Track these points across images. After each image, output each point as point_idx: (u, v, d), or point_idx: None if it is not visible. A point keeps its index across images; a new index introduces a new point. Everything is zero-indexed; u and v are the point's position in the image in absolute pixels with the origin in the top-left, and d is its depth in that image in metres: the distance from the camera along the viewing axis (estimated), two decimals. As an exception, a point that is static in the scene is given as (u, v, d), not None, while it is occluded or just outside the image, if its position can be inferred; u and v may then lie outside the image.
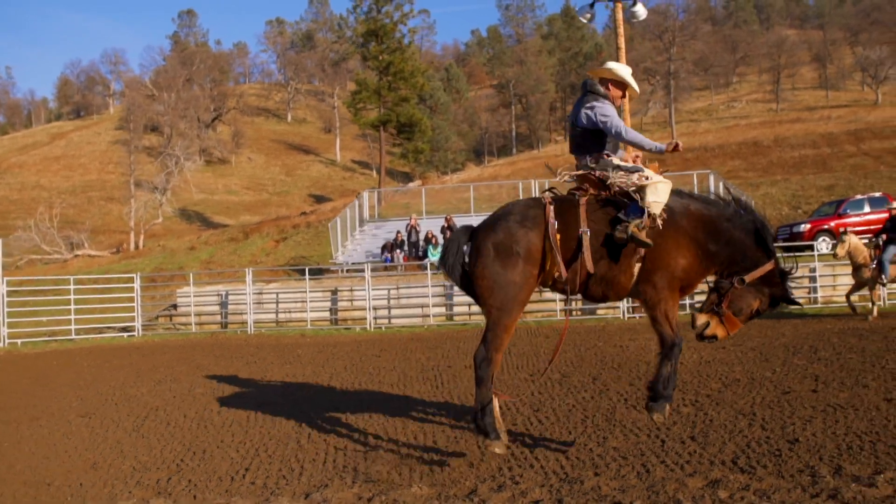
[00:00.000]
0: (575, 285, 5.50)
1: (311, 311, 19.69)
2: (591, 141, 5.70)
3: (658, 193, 5.29)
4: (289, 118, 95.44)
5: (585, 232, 5.37)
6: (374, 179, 78.16)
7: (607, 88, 5.75)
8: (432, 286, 19.21)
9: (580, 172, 5.74)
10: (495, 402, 5.66)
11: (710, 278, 5.71)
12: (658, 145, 5.59)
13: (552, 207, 5.46)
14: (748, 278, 5.36)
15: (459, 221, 24.25)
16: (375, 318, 19.19)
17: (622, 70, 5.76)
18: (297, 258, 30.44)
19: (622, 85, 5.79)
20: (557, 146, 67.39)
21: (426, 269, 20.92)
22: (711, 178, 24.92)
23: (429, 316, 18.74)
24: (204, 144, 74.93)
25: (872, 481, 4.77)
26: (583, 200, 5.49)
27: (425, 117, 43.51)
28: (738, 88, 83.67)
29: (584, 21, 19.28)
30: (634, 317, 17.68)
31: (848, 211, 23.28)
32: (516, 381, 9.86)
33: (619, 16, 19.10)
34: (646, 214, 5.25)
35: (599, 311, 18.39)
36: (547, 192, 5.79)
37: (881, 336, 11.57)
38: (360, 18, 40.83)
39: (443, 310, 19.31)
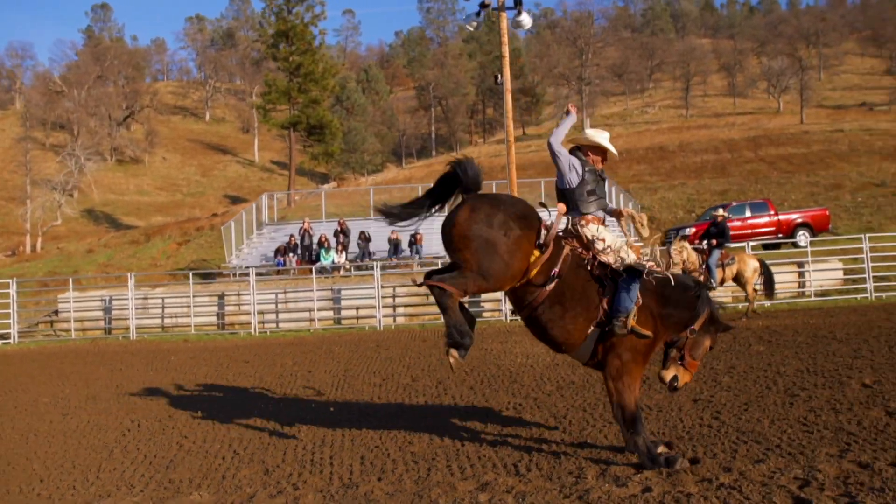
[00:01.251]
0: (535, 299, 5.50)
1: (197, 316, 19.37)
2: (572, 199, 5.70)
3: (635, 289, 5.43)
4: (207, 117, 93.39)
5: (559, 277, 5.44)
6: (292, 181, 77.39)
7: (586, 154, 5.79)
8: (319, 290, 19.16)
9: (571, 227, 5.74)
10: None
11: None
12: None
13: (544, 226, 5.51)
14: (697, 327, 5.63)
15: (356, 224, 24.27)
16: (263, 323, 18.99)
17: (598, 136, 5.82)
18: (197, 261, 29.85)
19: (600, 150, 5.83)
20: (477, 149, 67.95)
21: (318, 273, 20.85)
22: (613, 187, 25.54)
23: (314, 321, 18.65)
24: (116, 143, 72.63)
25: (625, 482, 5.02)
26: (567, 248, 5.54)
27: (336, 119, 43.30)
28: (653, 94, 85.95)
29: (471, 29, 19.48)
30: (516, 319, 17.97)
31: (730, 215, 24.22)
32: (370, 385, 9.96)
33: (504, 25, 19.41)
34: (634, 307, 5.41)
35: (486, 314, 18.65)
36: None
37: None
38: (270, 20, 40.34)
39: (330, 314, 19.25)
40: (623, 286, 5.42)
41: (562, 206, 5.63)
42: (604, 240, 5.55)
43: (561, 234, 5.58)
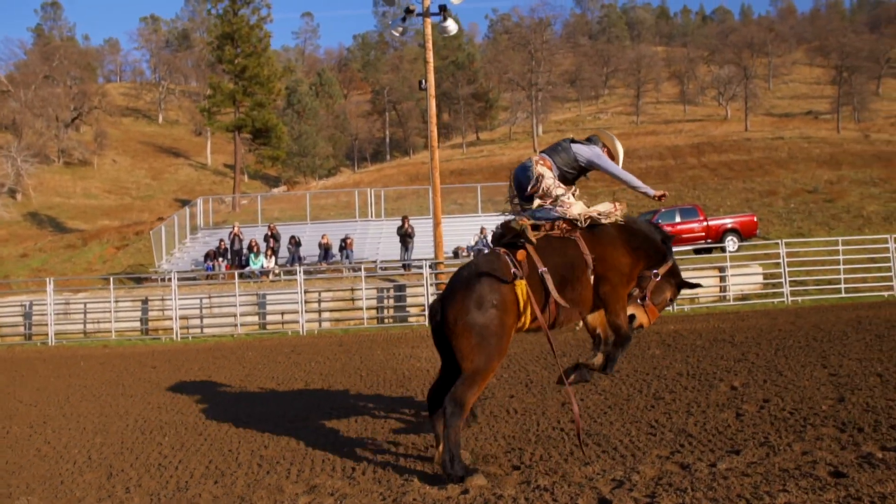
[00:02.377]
0: (551, 322, 5.70)
1: (121, 321, 19.07)
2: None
3: (574, 206, 5.96)
4: (160, 119, 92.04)
5: (545, 271, 5.62)
6: (245, 184, 76.39)
7: (602, 147, 6.51)
8: (245, 295, 18.99)
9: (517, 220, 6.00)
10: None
11: None
12: (650, 190, 6.36)
13: (508, 258, 5.64)
14: (660, 271, 6.14)
15: (297, 229, 24.16)
16: (187, 328, 18.77)
17: (619, 147, 6.56)
18: (134, 266, 29.40)
19: (611, 153, 6.54)
20: (439, 152, 68.04)
21: (247, 277, 20.68)
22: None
23: (236, 326, 18.47)
24: (63, 145, 71.14)
25: (445, 485, 5.05)
26: (529, 246, 5.74)
27: (281, 123, 42.96)
28: (607, 101, 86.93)
29: (397, 34, 19.48)
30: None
31: (660, 221, 24.57)
32: (263, 390, 9.88)
33: (428, 31, 19.47)
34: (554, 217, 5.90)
35: (410, 319, 18.66)
36: (500, 248, 5.89)
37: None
38: (214, 22, 39.95)
39: (256, 319, 19.09)
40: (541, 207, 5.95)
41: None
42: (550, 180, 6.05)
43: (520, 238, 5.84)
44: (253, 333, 18.35)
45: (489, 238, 21.92)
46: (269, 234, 21.96)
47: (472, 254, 21.34)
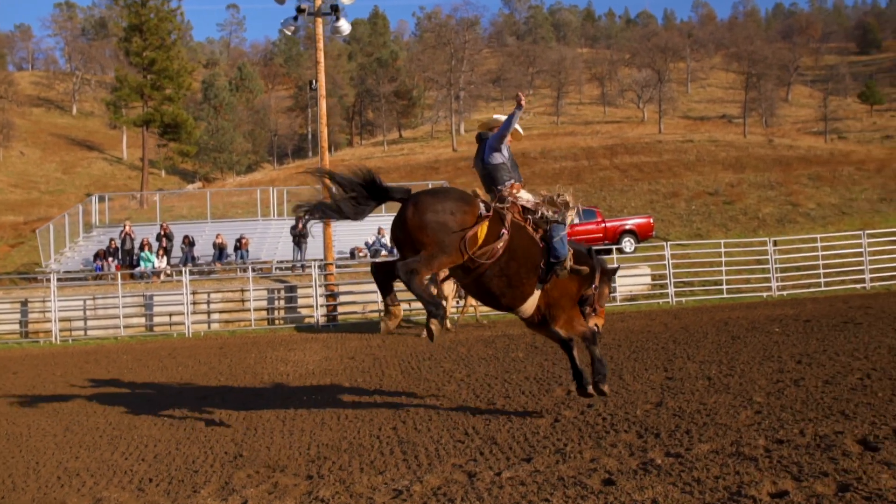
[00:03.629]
0: (483, 264, 6.30)
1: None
2: (499, 174, 6.77)
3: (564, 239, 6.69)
4: (74, 111, 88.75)
5: (505, 233, 6.33)
6: (161, 179, 74.32)
7: (490, 130, 6.94)
8: (129, 296, 18.47)
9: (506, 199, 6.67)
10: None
11: None
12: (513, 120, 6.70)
13: (482, 203, 6.36)
14: (597, 282, 7.08)
15: (188, 228, 23.62)
16: (70, 331, 18.15)
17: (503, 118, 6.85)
18: (28, 265, 28.23)
19: (514, 133, 7.00)
20: (353, 150, 67.58)
21: (136, 278, 20.13)
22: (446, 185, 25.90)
23: (120, 328, 17.95)
24: (-35, 136, 67.96)
25: (226, 496, 5.01)
26: (508, 216, 6.48)
27: (192, 118, 41.97)
28: (532, 101, 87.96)
29: (288, 34, 19.24)
30: (328, 327, 17.91)
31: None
32: (104, 395, 9.60)
33: (319, 30, 19.28)
34: (569, 251, 6.65)
35: (303, 320, 18.49)
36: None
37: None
38: (121, 12, 38.71)
39: (142, 320, 18.59)
40: (555, 239, 6.58)
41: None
42: (531, 199, 6.75)
43: (500, 205, 6.53)
44: (137, 336, 17.87)
45: (387, 238, 21.96)
46: (162, 233, 21.40)
47: (368, 254, 21.29)
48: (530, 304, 6.73)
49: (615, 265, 7.86)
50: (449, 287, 14.43)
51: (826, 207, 32.21)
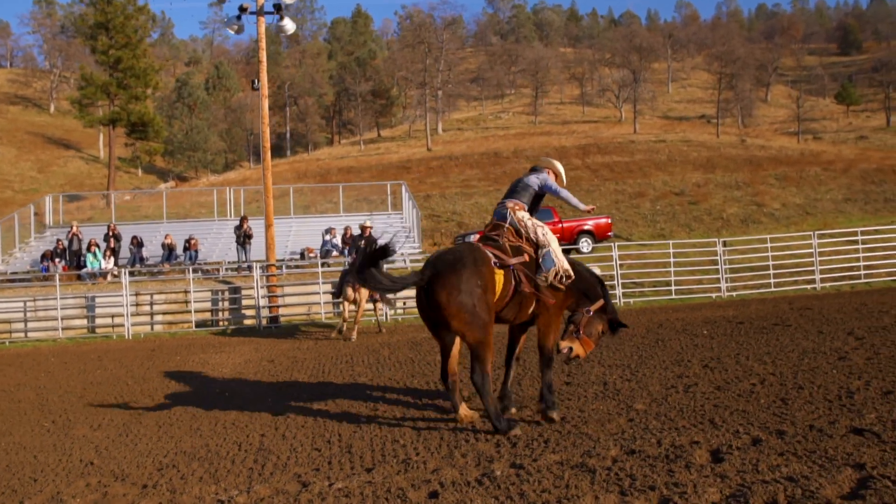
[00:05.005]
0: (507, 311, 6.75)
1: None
2: (519, 195, 7.20)
3: (559, 255, 6.92)
4: (51, 109, 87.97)
5: (515, 266, 6.67)
6: (138, 178, 73.85)
7: (549, 171, 7.40)
8: (71, 297, 18.21)
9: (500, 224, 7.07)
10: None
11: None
12: (582, 206, 7.38)
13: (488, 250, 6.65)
14: (592, 309, 7.06)
15: (135, 229, 23.35)
16: (10, 332, 17.87)
17: (560, 167, 7.46)
18: (-16, 265, 27.85)
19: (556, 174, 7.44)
20: (329, 149, 67.33)
21: (86, 278, 19.87)
22: (403, 187, 25.77)
23: (58, 330, 17.68)
24: (-61, 135, 67.17)
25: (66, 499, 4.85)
26: (504, 242, 6.82)
27: (159, 116, 41.62)
28: (513, 100, 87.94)
29: (232, 32, 19.01)
30: (271, 327, 17.73)
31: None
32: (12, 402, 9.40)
33: (262, 29, 19.00)
34: (557, 266, 6.81)
35: (245, 321, 18.28)
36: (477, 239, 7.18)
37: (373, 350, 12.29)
38: (87, 10, 38.33)
39: (84, 322, 18.34)
40: (545, 254, 6.86)
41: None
42: (529, 221, 7.05)
43: (495, 232, 6.99)
44: (77, 338, 17.60)
45: (338, 238, 21.77)
46: (110, 234, 21.13)
47: (318, 255, 21.10)
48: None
49: (626, 324, 7.74)
50: (364, 293, 14.30)
51: (791, 208, 32.28)
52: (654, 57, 77.76)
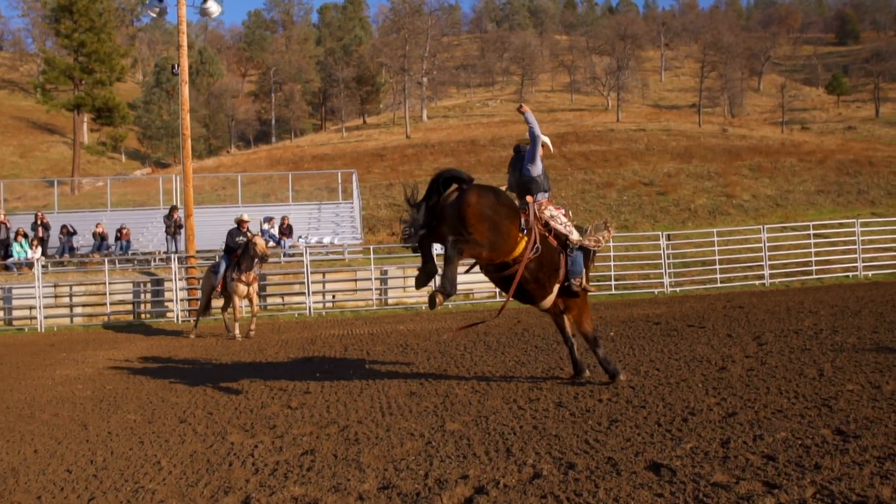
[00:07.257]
0: (514, 268, 7.00)
1: None
2: (532, 186, 7.31)
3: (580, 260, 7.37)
4: (38, 94, 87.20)
5: (539, 248, 7.04)
6: (122, 164, 73.25)
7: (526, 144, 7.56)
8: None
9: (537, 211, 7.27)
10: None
11: None
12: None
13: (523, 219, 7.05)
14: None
15: (68, 218, 22.78)
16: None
17: (546, 139, 7.64)
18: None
19: (545, 147, 7.68)
20: (311, 136, 66.61)
21: (10, 269, 19.31)
22: (354, 176, 25.20)
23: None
24: (-81, 119, 66.53)
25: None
26: (535, 232, 7.08)
27: (124, 102, 40.95)
28: (504, 87, 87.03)
29: (153, 15, 18.32)
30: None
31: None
32: None
33: (183, 12, 18.23)
34: (584, 272, 7.37)
35: (168, 314, 17.71)
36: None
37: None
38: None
39: (1, 314, 17.79)
40: (572, 258, 7.29)
41: (529, 198, 7.24)
42: (559, 218, 7.32)
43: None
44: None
45: (275, 229, 21.15)
46: (38, 223, 20.52)
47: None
48: (549, 300, 7.47)
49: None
50: (255, 287, 13.70)
51: (761, 199, 31.57)
52: (642, 45, 76.70)
